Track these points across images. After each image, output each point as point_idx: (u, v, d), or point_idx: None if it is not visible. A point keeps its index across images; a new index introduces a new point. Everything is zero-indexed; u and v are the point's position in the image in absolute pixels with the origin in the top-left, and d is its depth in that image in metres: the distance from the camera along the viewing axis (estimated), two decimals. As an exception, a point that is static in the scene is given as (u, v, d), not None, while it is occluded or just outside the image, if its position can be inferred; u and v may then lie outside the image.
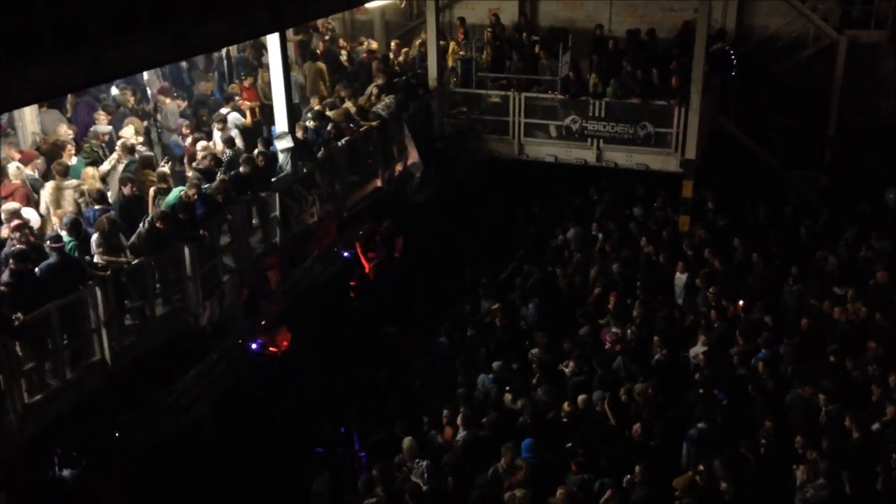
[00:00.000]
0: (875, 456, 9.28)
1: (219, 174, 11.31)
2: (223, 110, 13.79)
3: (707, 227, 15.56)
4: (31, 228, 9.52)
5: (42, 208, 10.39)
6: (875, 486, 8.92)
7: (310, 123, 13.50)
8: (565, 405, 10.53)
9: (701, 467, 9.23)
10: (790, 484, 9.28)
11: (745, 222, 15.80)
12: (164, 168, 11.70)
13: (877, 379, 10.43)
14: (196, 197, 10.76)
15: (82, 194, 10.54)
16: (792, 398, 10.49)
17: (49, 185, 10.41)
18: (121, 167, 11.37)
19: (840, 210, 15.83)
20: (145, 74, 14.71)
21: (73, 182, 10.63)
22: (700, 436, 9.90)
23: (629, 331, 12.28)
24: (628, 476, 9.26)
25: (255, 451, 10.63)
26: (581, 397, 10.64)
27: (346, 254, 14.08)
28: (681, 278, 13.75)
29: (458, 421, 10.20)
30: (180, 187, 10.95)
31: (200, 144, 12.30)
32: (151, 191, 11.10)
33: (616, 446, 10.01)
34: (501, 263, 15.15)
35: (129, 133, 12.06)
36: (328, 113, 14.09)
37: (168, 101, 13.98)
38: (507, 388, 11.17)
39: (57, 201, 10.37)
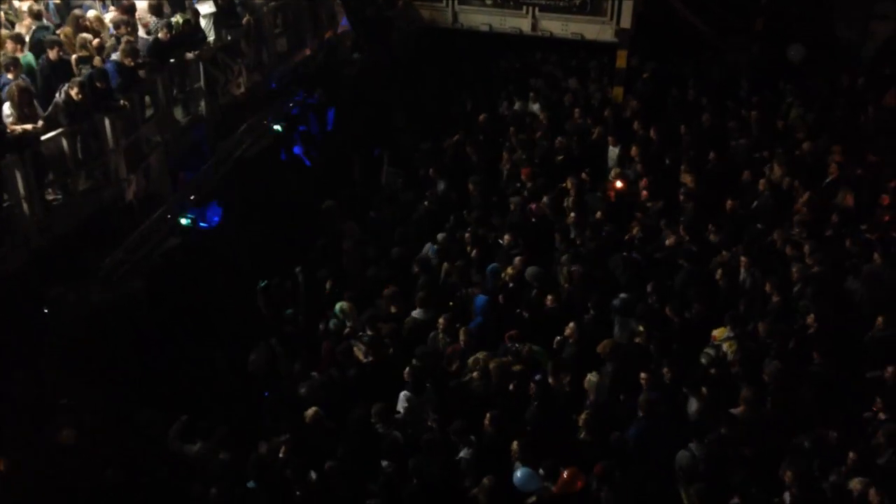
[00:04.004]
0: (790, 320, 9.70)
1: (124, 38, 10.68)
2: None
3: (640, 98, 15.57)
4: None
5: None
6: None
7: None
8: (508, 269, 10.61)
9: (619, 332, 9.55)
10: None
11: (678, 93, 15.80)
12: (86, 34, 11.00)
13: (796, 245, 10.68)
14: (133, 64, 10.33)
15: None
16: (713, 265, 10.79)
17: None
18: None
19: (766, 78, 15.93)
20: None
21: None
22: (623, 305, 10.11)
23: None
24: (559, 337, 9.51)
25: (191, 324, 10.61)
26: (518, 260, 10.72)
27: (276, 126, 13.69)
28: (613, 151, 13.83)
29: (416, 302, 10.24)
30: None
31: (91, 14, 11.51)
32: (74, 58, 10.49)
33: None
34: (438, 137, 14.96)
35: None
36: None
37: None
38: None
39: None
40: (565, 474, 7.71)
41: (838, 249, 10.65)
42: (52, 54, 9.96)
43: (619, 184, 12.75)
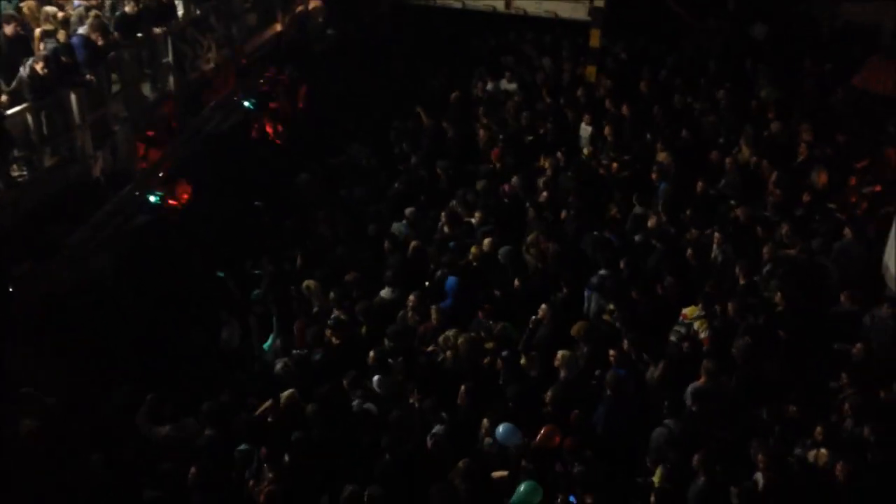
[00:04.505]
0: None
1: (92, 11, 10.47)
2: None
3: (613, 77, 15.55)
4: None
5: None
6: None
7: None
8: (473, 249, 10.58)
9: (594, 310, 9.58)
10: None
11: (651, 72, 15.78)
12: (50, 8, 10.76)
13: (767, 226, 10.74)
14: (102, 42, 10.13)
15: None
16: (684, 243, 10.80)
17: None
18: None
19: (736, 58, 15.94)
20: None
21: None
22: (601, 282, 10.11)
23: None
24: (534, 316, 9.51)
25: (161, 302, 10.47)
26: (487, 241, 10.65)
27: (246, 103, 13.51)
28: (586, 130, 13.82)
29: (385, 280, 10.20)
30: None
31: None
32: (37, 32, 10.27)
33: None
34: (410, 115, 14.84)
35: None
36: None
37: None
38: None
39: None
40: (542, 430, 7.80)
41: (809, 228, 10.74)
42: (9, 30, 9.72)
43: (585, 150, 12.87)
